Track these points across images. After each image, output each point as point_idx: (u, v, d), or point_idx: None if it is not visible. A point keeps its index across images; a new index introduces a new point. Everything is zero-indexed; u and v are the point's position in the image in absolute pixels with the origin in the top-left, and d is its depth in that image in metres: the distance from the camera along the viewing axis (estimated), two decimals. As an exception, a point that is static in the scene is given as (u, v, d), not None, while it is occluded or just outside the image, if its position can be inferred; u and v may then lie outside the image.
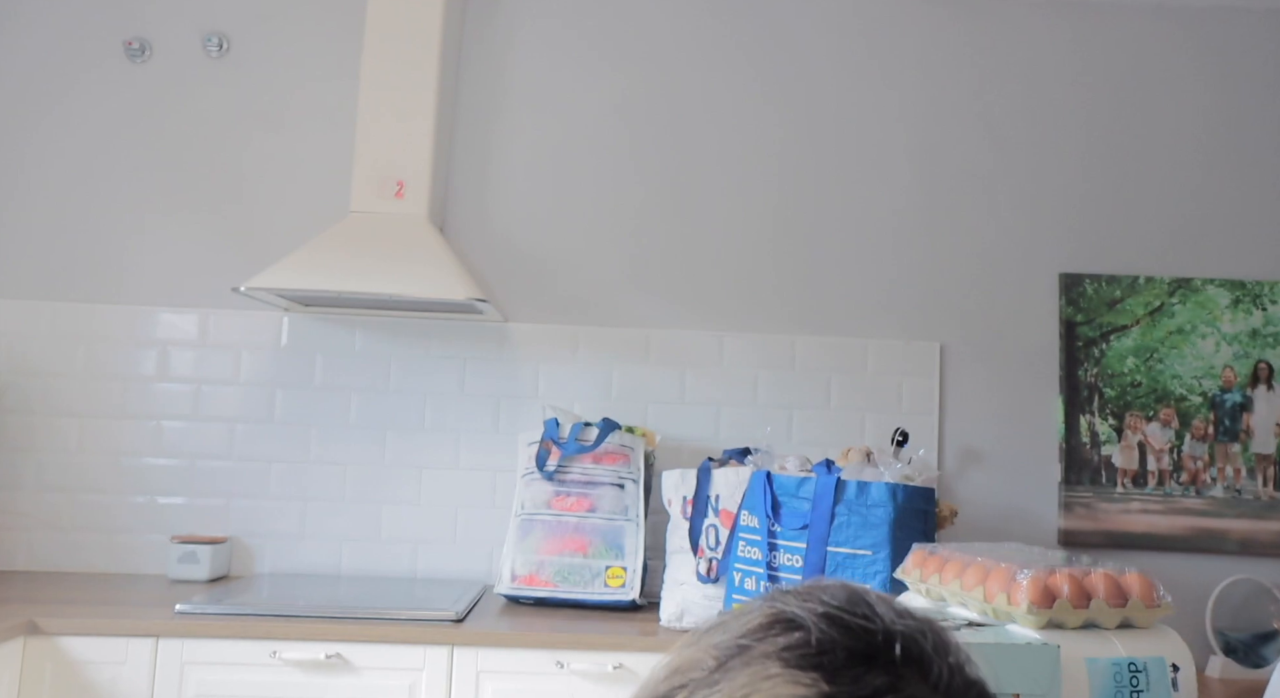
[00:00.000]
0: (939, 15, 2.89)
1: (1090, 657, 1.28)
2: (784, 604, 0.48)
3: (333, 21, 2.81)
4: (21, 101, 2.75)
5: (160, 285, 2.72)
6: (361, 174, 2.55)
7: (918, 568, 1.61)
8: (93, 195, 2.73)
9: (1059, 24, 2.89)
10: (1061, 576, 1.38)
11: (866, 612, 0.47)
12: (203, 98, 2.78)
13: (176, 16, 2.79)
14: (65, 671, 2.02)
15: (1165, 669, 1.29)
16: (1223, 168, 2.85)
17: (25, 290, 2.69)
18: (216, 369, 2.69)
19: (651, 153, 2.81)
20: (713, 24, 2.87)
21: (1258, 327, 2.77)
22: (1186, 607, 2.66)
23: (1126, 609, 1.38)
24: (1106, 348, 2.77)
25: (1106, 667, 1.27)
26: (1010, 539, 2.70)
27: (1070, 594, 1.35)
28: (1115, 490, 2.73)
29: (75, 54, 2.77)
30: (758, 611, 0.48)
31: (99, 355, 2.67)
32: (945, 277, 2.80)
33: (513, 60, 2.85)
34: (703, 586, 2.27)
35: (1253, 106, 2.87)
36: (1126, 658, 1.29)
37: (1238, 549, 2.71)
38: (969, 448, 2.76)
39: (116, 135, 2.75)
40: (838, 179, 2.82)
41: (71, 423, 2.65)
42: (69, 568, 2.61)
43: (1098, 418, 2.75)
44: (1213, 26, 2.89)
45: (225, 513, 2.65)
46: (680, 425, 2.72)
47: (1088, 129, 2.86)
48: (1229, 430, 2.75)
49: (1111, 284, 2.79)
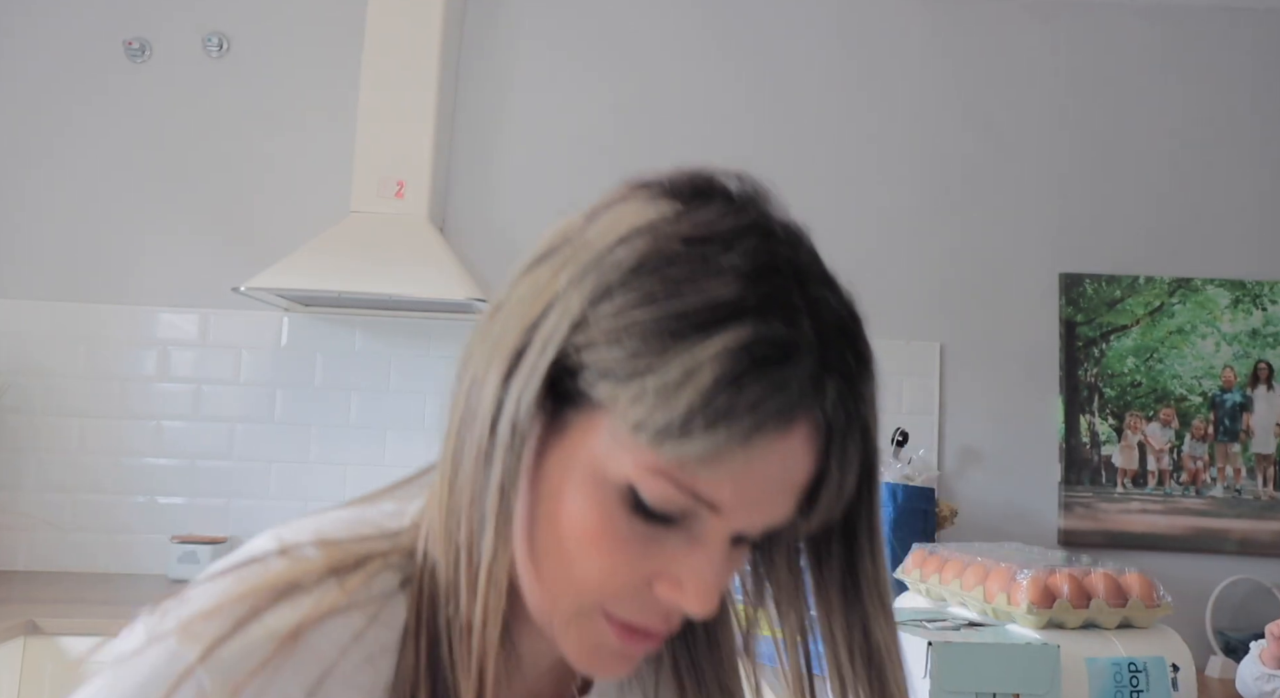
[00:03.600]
0: (938, 15, 2.89)
1: (1090, 657, 1.28)
2: (640, 179, 0.56)
3: (333, 21, 2.81)
4: (21, 102, 2.75)
5: (160, 285, 2.72)
6: (361, 174, 2.55)
7: (918, 568, 1.61)
8: (93, 195, 2.73)
9: (1058, 24, 2.89)
10: (1061, 576, 1.38)
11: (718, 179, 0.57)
12: (203, 98, 2.78)
13: (176, 16, 2.79)
14: (65, 671, 2.02)
15: (1165, 669, 1.30)
16: (1223, 168, 2.85)
17: (26, 290, 2.69)
18: (216, 369, 2.69)
19: (651, 153, 2.81)
20: (713, 24, 2.87)
21: (1258, 327, 2.77)
22: (1186, 607, 2.66)
23: (1126, 609, 1.38)
24: (1106, 348, 2.77)
25: (1106, 667, 1.27)
26: (1010, 539, 2.70)
27: (1070, 594, 1.35)
28: (1115, 490, 2.73)
29: (75, 54, 2.76)
30: (617, 189, 0.56)
31: (99, 355, 2.67)
32: (945, 277, 2.80)
33: (513, 61, 2.85)
34: (703, 586, 2.27)
35: (1253, 106, 2.87)
36: (1126, 658, 1.29)
37: (1238, 549, 2.71)
38: (969, 448, 2.76)
39: (116, 135, 2.75)
40: (838, 179, 2.82)
41: (72, 423, 2.65)
42: (69, 568, 2.61)
43: (1098, 418, 2.75)
44: (1213, 27, 2.88)
45: (225, 513, 2.65)
46: (680, 425, 2.72)
47: (1088, 129, 2.86)
48: (1229, 430, 2.75)
49: (1111, 284, 2.79)
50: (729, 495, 0.50)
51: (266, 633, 0.51)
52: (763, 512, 0.51)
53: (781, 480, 0.51)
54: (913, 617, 1.37)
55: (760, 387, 0.48)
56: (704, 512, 0.50)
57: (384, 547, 0.57)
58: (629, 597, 0.52)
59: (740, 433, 0.47)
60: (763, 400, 0.48)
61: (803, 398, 0.49)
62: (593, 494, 0.51)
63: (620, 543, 0.51)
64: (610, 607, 0.53)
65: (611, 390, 0.49)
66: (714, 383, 0.47)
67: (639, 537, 0.51)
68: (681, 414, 0.47)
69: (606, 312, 0.50)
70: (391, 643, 0.55)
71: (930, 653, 1.18)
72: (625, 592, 0.52)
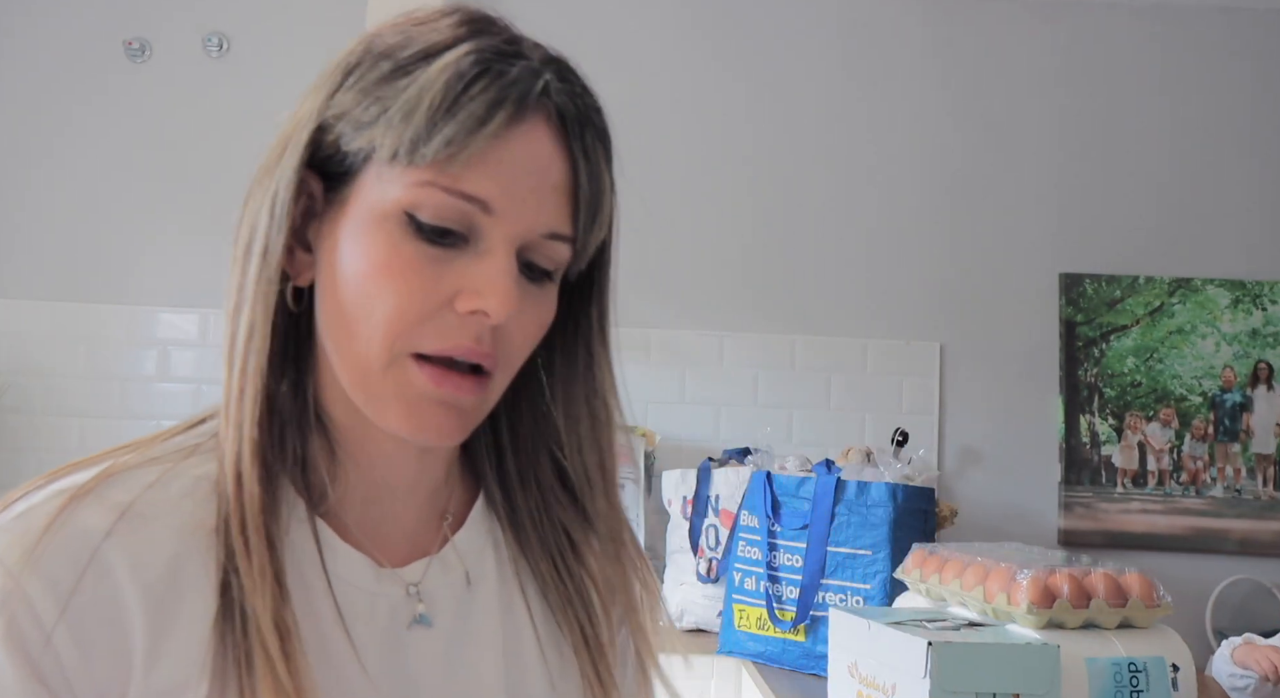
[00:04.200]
0: (938, 15, 2.89)
1: (1090, 657, 1.28)
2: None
3: (333, 21, 2.81)
4: (21, 101, 2.75)
5: (160, 285, 2.72)
6: (361, 174, 2.55)
7: (917, 568, 1.61)
8: (92, 195, 2.73)
9: (1058, 24, 2.89)
10: (1061, 576, 1.38)
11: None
12: (203, 98, 2.77)
13: (176, 16, 2.79)
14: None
15: (1165, 669, 1.30)
16: (1223, 168, 2.85)
17: (26, 290, 2.69)
18: (216, 369, 2.68)
19: (651, 152, 2.81)
20: (713, 24, 2.87)
21: (1258, 327, 2.77)
22: (1186, 607, 2.66)
23: (1126, 609, 1.38)
24: (1106, 348, 2.77)
25: (1106, 667, 1.27)
26: (1010, 539, 2.69)
27: (1070, 594, 1.35)
28: (1115, 490, 2.73)
29: (75, 54, 2.76)
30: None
31: (99, 355, 2.67)
32: (945, 277, 2.80)
33: (513, 60, 2.84)
34: (703, 585, 2.27)
35: (1252, 106, 2.87)
36: (1126, 658, 1.29)
37: (1238, 549, 2.71)
38: (969, 448, 2.76)
39: (116, 135, 2.75)
40: (838, 179, 2.82)
41: (72, 423, 2.65)
42: (69, 568, 2.60)
43: (1098, 418, 2.75)
44: (1212, 27, 2.88)
45: (225, 513, 2.65)
46: (680, 425, 2.72)
47: (1088, 129, 2.86)
48: (1229, 430, 2.75)
49: (1111, 284, 2.79)
50: (492, 188, 0.55)
51: (57, 490, 0.54)
52: (531, 209, 0.56)
53: (535, 172, 0.56)
54: (912, 617, 1.37)
55: (485, 80, 0.54)
56: (479, 218, 0.55)
57: (190, 443, 0.60)
58: (432, 324, 0.55)
59: (476, 118, 0.53)
60: (488, 88, 0.54)
61: (527, 84, 0.56)
62: (375, 233, 0.56)
63: (411, 266, 0.55)
64: (417, 342, 0.55)
65: (366, 137, 0.55)
66: (445, 87, 0.54)
67: (428, 259, 0.55)
68: (424, 122, 0.53)
69: (350, 83, 0.57)
70: (206, 491, 0.56)
71: (930, 653, 1.18)
72: (427, 318, 0.55)
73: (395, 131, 0.54)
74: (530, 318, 0.59)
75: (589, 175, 0.58)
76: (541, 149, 0.57)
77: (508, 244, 0.56)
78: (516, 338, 0.58)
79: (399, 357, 0.56)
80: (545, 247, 0.58)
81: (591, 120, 0.60)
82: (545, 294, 0.60)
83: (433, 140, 0.53)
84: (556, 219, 0.58)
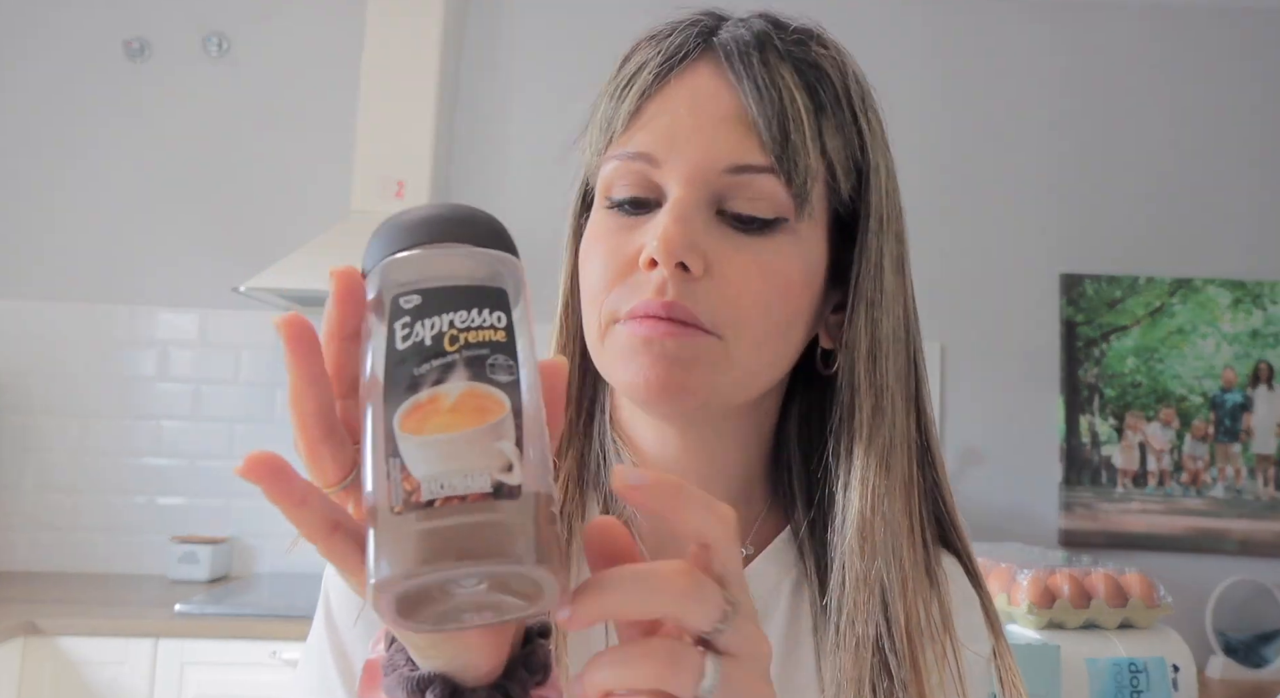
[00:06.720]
0: (938, 15, 2.89)
1: (1090, 657, 1.28)
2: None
3: (333, 22, 2.81)
4: (21, 102, 2.75)
5: (160, 285, 2.71)
6: (361, 174, 2.55)
7: (918, 568, 1.61)
8: (92, 195, 2.73)
9: (1058, 24, 2.88)
10: (1061, 576, 1.38)
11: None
12: (203, 98, 2.77)
13: (176, 16, 2.79)
14: (65, 671, 2.02)
15: (1165, 669, 1.29)
16: (1223, 168, 2.84)
17: (26, 290, 2.69)
18: (216, 369, 2.69)
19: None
20: (713, 24, 2.87)
21: (1258, 327, 2.77)
22: (1186, 607, 2.65)
23: (1126, 609, 1.38)
24: (1107, 348, 2.77)
25: (1106, 667, 1.27)
26: (1010, 539, 2.69)
27: (1070, 594, 1.35)
28: (1115, 491, 2.73)
29: (75, 54, 2.76)
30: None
31: (99, 355, 2.67)
32: (945, 277, 2.80)
33: (513, 61, 2.85)
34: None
35: (1252, 106, 2.87)
36: (1127, 658, 1.29)
37: (1238, 549, 2.71)
38: (969, 448, 2.75)
39: (116, 135, 2.75)
40: (838, 179, 2.82)
41: (71, 423, 2.65)
42: (69, 568, 2.61)
43: (1098, 418, 2.75)
44: (1212, 27, 2.88)
45: (225, 513, 2.65)
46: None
47: (1088, 129, 2.86)
48: (1229, 431, 2.75)
49: (1111, 284, 2.79)
50: (652, 139, 0.56)
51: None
52: (698, 146, 0.56)
53: (695, 111, 0.57)
54: (913, 617, 1.36)
55: (643, 51, 0.60)
56: (653, 173, 0.57)
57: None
58: (624, 285, 0.57)
59: (629, 84, 0.58)
60: (644, 56, 0.59)
61: (683, 37, 0.58)
62: (590, 221, 0.61)
63: (607, 236, 0.58)
64: (615, 305, 0.57)
65: (590, 154, 0.61)
66: (615, 72, 0.60)
67: (622, 227, 0.58)
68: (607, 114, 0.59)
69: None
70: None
71: (930, 653, 1.17)
72: (619, 280, 0.57)
73: (594, 129, 0.60)
74: (746, 271, 0.55)
75: (759, 96, 0.56)
76: (702, 87, 0.57)
77: (681, 189, 0.56)
78: (732, 290, 0.55)
79: (608, 322, 0.58)
80: (741, 186, 0.56)
81: (771, 44, 0.58)
82: (771, 244, 0.56)
83: (611, 127, 0.58)
84: (736, 150, 0.56)
